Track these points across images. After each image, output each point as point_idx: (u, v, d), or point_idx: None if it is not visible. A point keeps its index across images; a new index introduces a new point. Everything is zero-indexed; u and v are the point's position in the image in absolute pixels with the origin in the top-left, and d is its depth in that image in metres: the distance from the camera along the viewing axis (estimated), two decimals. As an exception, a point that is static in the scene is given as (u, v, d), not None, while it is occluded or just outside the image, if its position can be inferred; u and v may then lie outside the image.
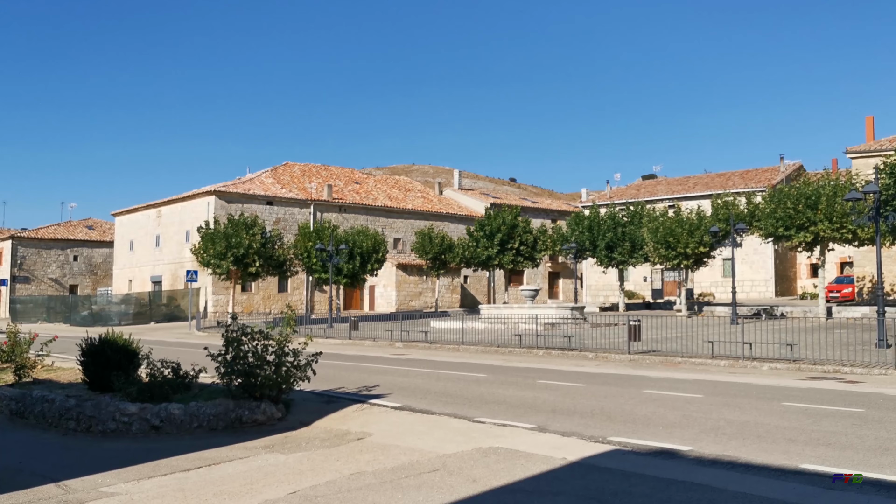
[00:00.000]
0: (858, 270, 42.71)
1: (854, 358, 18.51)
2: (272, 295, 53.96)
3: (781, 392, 14.18)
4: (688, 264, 39.37)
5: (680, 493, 7.24)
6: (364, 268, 44.64)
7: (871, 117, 43.16)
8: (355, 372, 19.22)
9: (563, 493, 7.36)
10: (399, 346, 27.93)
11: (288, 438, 10.82)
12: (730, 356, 19.71)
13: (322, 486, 7.91)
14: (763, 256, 54.13)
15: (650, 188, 65.36)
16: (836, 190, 31.92)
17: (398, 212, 61.61)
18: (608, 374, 17.76)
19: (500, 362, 21.37)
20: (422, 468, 8.58)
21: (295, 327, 13.22)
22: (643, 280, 60.26)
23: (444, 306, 57.77)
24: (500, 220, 49.22)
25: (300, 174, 61.36)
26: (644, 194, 61.08)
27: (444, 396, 14.44)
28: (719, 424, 10.81)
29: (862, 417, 11.19)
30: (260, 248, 40.71)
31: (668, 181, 68.12)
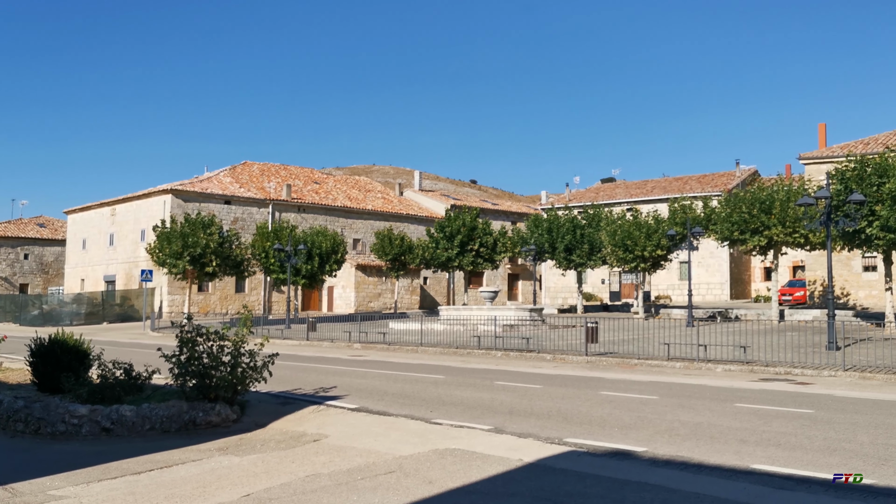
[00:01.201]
0: (810, 274, 43.59)
1: (805, 360, 18.86)
2: (229, 295, 53.35)
3: (734, 393, 14.40)
4: (645, 267, 39.82)
5: (634, 494, 7.29)
6: (323, 268, 44.34)
7: (823, 124, 44.17)
8: (313, 373, 19.07)
9: (518, 494, 7.37)
10: (357, 348, 27.79)
11: (243, 440, 10.68)
12: (685, 358, 19.96)
13: (276, 489, 7.82)
14: (719, 260, 54.98)
15: (609, 191, 66.00)
16: (790, 195, 32.53)
17: (358, 212, 61.36)
18: (565, 376, 17.86)
19: (458, 364, 21.37)
20: (378, 470, 8.54)
21: (251, 328, 13.09)
22: (601, 282, 60.81)
23: (404, 307, 57.66)
24: (461, 221, 49.29)
25: (259, 173, 60.78)
26: (603, 197, 61.66)
27: (401, 398, 14.39)
28: (674, 426, 10.93)
29: (811, 418, 11.40)
30: (217, 247, 40.21)
31: (627, 185, 68.85)
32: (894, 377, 16.20)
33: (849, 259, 40.25)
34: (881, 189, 24.51)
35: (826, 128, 44.29)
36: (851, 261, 40.54)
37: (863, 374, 16.63)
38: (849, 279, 41.19)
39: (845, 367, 17.33)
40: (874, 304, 39.29)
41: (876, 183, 25.15)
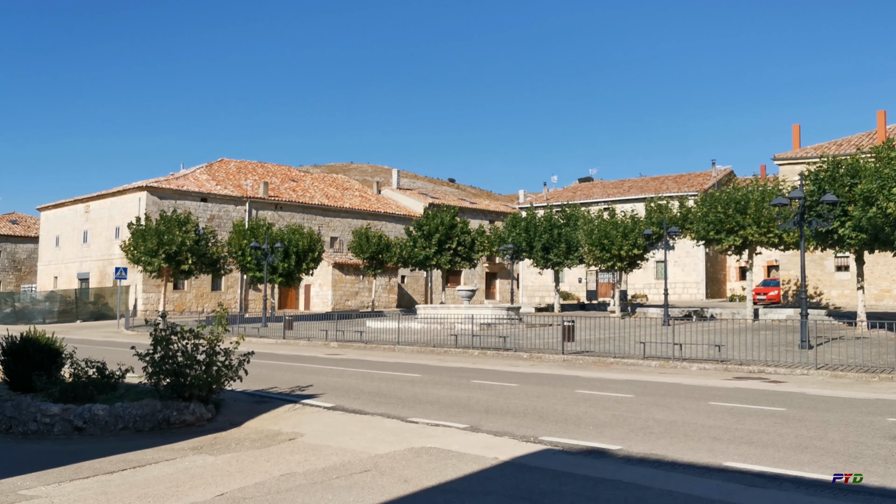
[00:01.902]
0: (784, 274, 44.07)
1: (778, 358, 19.07)
2: (205, 293, 52.99)
3: (709, 392, 14.52)
4: (622, 266, 40.06)
5: (608, 492, 7.34)
6: (300, 267, 44.17)
7: (797, 125, 44.62)
8: (289, 372, 18.99)
9: (493, 492, 7.39)
10: (334, 346, 27.71)
11: (217, 439, 10.61)
12: (661, 357, 20.10)
13: (251, 488, 7.78)
14: (695, 259, 55.41)
15: (586, 191, 66.30)
16: (764, 195, 32.87)
17: (335, 210, 61.17)
18: (542, 374, 17.92)
19: (435, 362, 21.38)
20: (353, 469, 8.52)
21: (227, 326, 13.02)
22: (578, 281, 61.08)
23: (381, 306, 57.57)
24: (439, 220, 49.29)
25: (236, 171, 60.40)
26: (580, 197, 61.93)
27: (377, 396, 14.37)
28: (648, 424, 11.00)
29: (784, 416, 11.53)
30: (193, 245, 39.90)
31: (604, 184, 69.20)
32: (865, 376, 16.43)
33: (822, 259, 40.75)
34: (853, 190, 24.81)
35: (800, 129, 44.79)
36: (824, 261, 41.05)
37: (834, 373, 16.84)
38: (822, 279, 41.71)
39: (817, 365, 17.55)
40: (846, 303, 39.83)
41: (848, 184, 25.47)
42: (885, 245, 23.72)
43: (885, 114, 40.47)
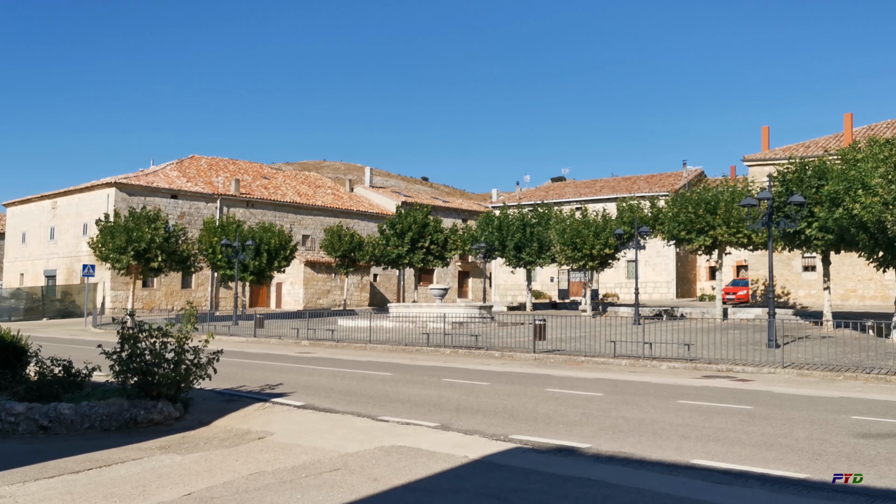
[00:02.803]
0: (753, 273, 44.59)
1: (746, 357, 19.29)
2: (175, 291, 52.47)
3: (678, 390, 14.65)
4: (593, 265, 40.28)
5: (577, 490, 7.37)
6: (271, 265, 43.89)
7: (766, 127, 45.14)
8: (259, 370, 18.87)
9: (463, 490, 7.40)
10: (305, 345, 27.58)
11: (185, 438, 10.52)
12: (631, 355, 20.24)
13: (219, 487, 7.71)
14: (665, 259, 55.89)
15: (559, 190, 66.60)
16: (734, 196, 33.21)
17: (307, 208, 60.84)
18: (513, 373, 17.98)
19: (407, 361, 21.36)
20: (323, 467, 8.48)
21: (196, 324, 12.91)
22: (550, 280, 61.36)
23: (353, 305, 57.39)
24: (411, 218, 49.23)
25: (207, 168, 59.86)
26: (553, 196, 62.19)
27: (348, 395, 14.32)
28: (617, 422, 11.08)
29: (750, 414, 11.66)
30: (163, 242, 39.45)
31: (576, 184, 69.55)
32: (830, 374, 16.67)
33: (790, 259, 41.29)
34: (820, 191, 25.17)
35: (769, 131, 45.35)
36: (792, 261, 41.60)
37: (800, 371, 17.07)
38: (789, 279, 42.27)
39: (784, 364, 17.78)
40: (813, 302, 40.40)
41: (815, 185, 25.83)
42: (850, 246, 24.08)
43: (851, 116, 41.10)
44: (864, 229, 21.39)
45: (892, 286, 28.74)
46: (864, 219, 20.28)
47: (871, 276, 38.51)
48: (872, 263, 23.46)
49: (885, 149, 20.24)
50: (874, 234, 20.92)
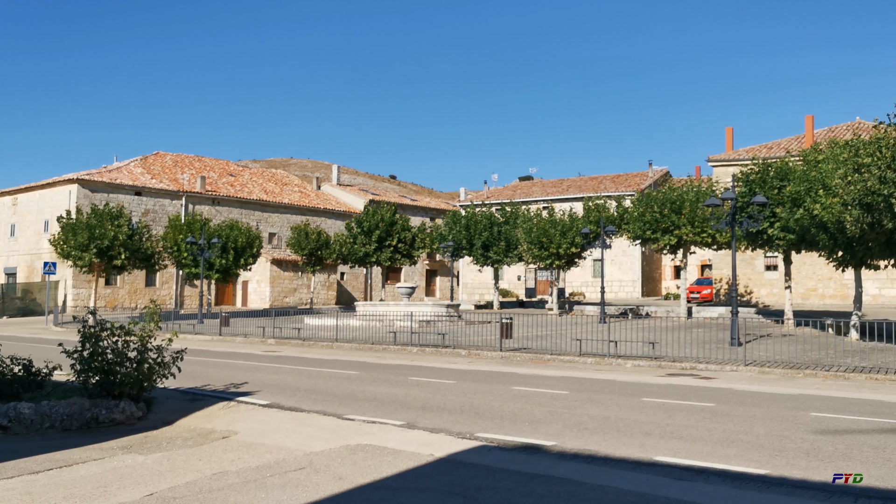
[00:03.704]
0: (717, 273, 45.16)
1: (709, 355, 19.55)
2: (139, 289, 51.80)
3: (642, 388, 14.80)
4: (560, 264, 40.51)
5: (541, 487, 7.42)
6: (237, 262, 43.52)
7: (730, 128, 45.73)
8: (224, 369, 18.71)
9: (428, 489, 7.40)
10: (271, 343, 27.40)
11: (148, 438, 10.40)
12: (596, 354, 20.40)
13: (181, 487, 7.64)
14: (631, 258, 56.37)
15: (526, 189, 66.86)
16: (699, 196, 33.60)
17: (274, 206, 60.41)
18: (479, 371, 18.02)
19: (373, 360, 21.32)
20: (288, 466, 8.43)
21: (160, 323, 12.74)
22: (517, 279, 61.60)
23: (320, 303, 57.13)
24: (379, 216, 49.13)
25: (172, 164, 59.16)
26: (520, 195, 62.43)
27: (314, 394, 14.26)
28: (582, 420, 11.16)
29: (712, 411, 11.82)
30: (126, 240, 38.92)
31: (544, 183, 69.88)
32: (791, 372, 16.95)
33: (752, 259, 41.90)
34: (782, 192, 25.54)
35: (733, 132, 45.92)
36: (755, 260, 42.22)
37: (762, 369, 17.34)
38: (752, 278, 42.89)
39: (746, 362, 18.05)
40: (775, 301, 41.05)
41: (777, 186, 26.21)
42: (811, 246, 24.48)
43: (812, 119, 41.84)
44: (824, 229, 21.77)
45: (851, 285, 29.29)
46: (825, 219, 20.62)
47: (831, 275, 39.22)
48: (832, 263, 23.88)
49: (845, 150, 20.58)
50: (834, 234, 21.29)
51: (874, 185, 18.19)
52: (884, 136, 19.03)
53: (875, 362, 17.84)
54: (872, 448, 9.07)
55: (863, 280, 26.12)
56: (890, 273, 36.28)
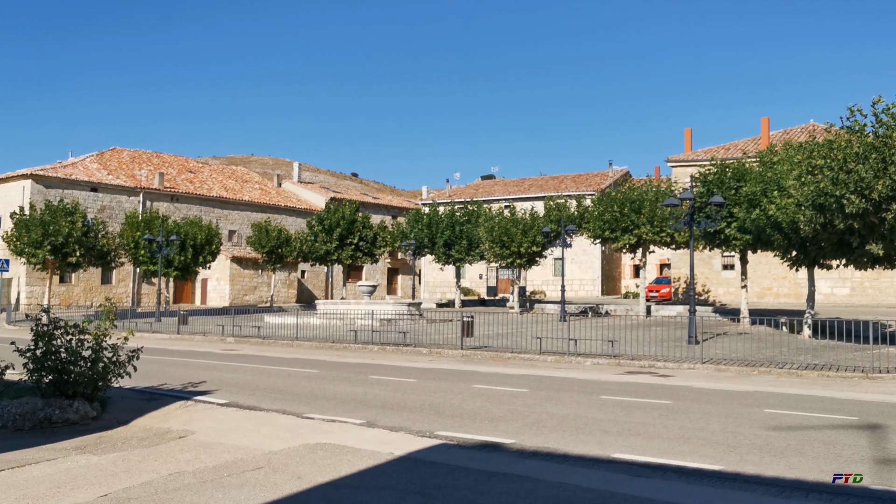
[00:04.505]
0: (675, 272, 45.75)
1: (667, 353, 19.81)
2: (94, 287, 50.89)
3: (601, 386, 14.95)
4: (521, 263, 40.71)
5: (501, 485, 7.45)
6: (196, 260, 42.98)
7: (689, 129, 46.33)
8: (182, 368, 18.48)
9: (387, 487, 7.39)
10: (231, 342, 27.13)
11: (102, 438, 10.23)
12: (556, 352, 20.55)
13: (136, 488, 7.52)
14: (591, 257, 56.82)
15: (488, 188, 67.03)
16: (658, 196, 34.01)
17: (234, 203, 59.78)
18: (440, 370, 18.05)
19: (334, 358, 21.22)
20: (246, 466, 8.36)
21: (115, 321, 12.54)
22: (479, 277, 61.74)
23: (281, 301, 56.68)
24: (340, 214, 48.90)
25: (129, 160, 58.20)
26: (482, 194, 62.57)
27: (273, 392, 14.16)
28: (542, 418, 11.23)
29: (669, 409, 11.98)
30: (81, 236, 38.20)
31: (506, 182, 70.12)
32: (746, 369, 17.25)
33: (710, 258, 42.52)
34: (739, 192, 25.98)
35: (692, 132, 46.54)
36: (713, 260, 42.84)
37: (718, 367, 17.62)
38: (710, 277, 43.53)
39: (703, 360, 18.33)
40: (732, 300, 41.70)
41: (734, 186, 26.65)
42: (766, 245, 24.91)
43: (768, 120, 42.58)
44: (778, 229, 22.18)
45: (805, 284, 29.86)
46: (779, 219, 21.01)
47: (786, 274, 39.98)
48: (786, 263, 24.34)
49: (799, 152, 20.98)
50: (788, 234, 21.70)
51: (827, 187, 18.58)
52: (836, 139, 19.44)
53: (827, 359, 18.23)
54: (823, 444, 9.27)
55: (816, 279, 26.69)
56: (842, 272, 37.11)
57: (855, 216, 18.40)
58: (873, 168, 17.85)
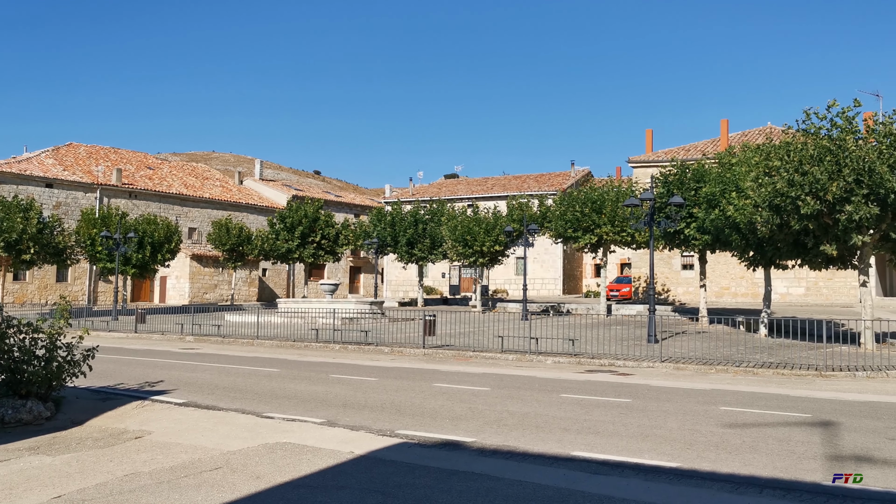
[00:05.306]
0: (636, 271, 46.23)
1: (627, 352, 20.00)
2: (50, 285, 49.93)
3: (561, 384, 15.05)
4: (484, 262, 40.80)
5: (461, 483, 7.46)
6: (155, 258, 42.35)
7: (650, 130, 46.87)
8: (139, 367, 18.21)
9: (347, 487, 7.36)
10: (190, 340, 26.80)
11: (57, 439, 10.04)
12: (518, 350, 20.64)
13: (91, 489, 7.40)
14: (553, 256, 57.18)
15: (451, 187, 67.10)
16: (619, 196, 34.31)
17: (194, 200, 59.05)
18: (402, 368, 18.02)
19: (295, 357, 21.08)
20: (203, 466, 8.26)
21: (70, 319, 12.31)
22: (442, 276, 61.78)
23: (241, 300, 56.15)
24: (302, 212, 48.58)
25: (86, 156, 57.17)
26: (445, 193, 62.61)
27: (233, 391, 14.01)
28: (502, 416, 11.27)
29: (628, 407, 12.11)
30: (36, 233, 37.40)
31: (469, 181, 70.25)
32: (703, 368, 17.50)
33: (670, 258, 43.05)
34: (699, 193, 26.34)
35: (653, 134, 47.09)
36: (672, 259, 43.39)
37: (677, 365, 17.84)
38: (669, 276, 44.07)
39: (662, 358, 18.55)
40: (691, 299, 42.26)
41: (694, 187, 27.02)
42: (725, 246, 25.29)
43: (727, 122, 43.20)
44: (736, 230, 22.53)
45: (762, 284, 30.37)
46: (737, 220, 21.35)
47: (744, 274, 40.63)
48: (744, 263, 24.74)
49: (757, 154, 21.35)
50: (746, 234, 22.06)
51: (783, 188, 18.92)
52: (792, 141, 19.82)
53: (782, 358, 18.56)
54: (777, 441, 9.43)
55: (772, 279, 27.12)
56: (797, 273, 37.84)
57: (810, 217, 18.77)
58: (828, 170, 18.23)
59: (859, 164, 18.01)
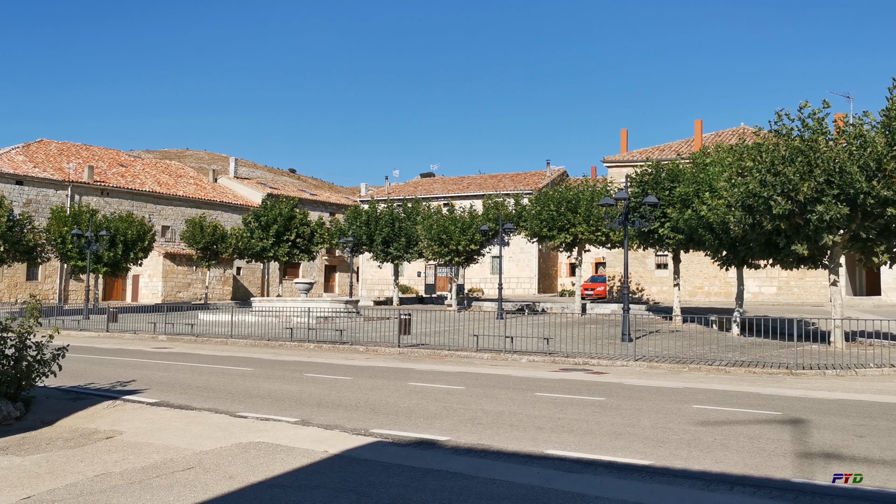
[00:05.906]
0: (610, 270, 46.50)
1: (601, 351, 20.11)
2: (19, 283, 49.24)
3: (536, 383, 15.10)
4: (459, 261, 40.84)
5: (435, 482, 7.47)
6: (127, 256, 41.92)
7: (625, 130, 47.13)
8: (111, 366, 18.01)
9: (321, 486, 7.34)
10: (163, 340, 26.56)
11: (26, 439, 9.90)
12: (493, 349, 20.68)
13: (61, 490, 7.31)
14: (528, 255, 57.35)
15: (427, 186, 67.06)
16: (594, 195, 34.50)
17: (168, 198, 58.51)
18: (377, 367, 17.99)
19: (269, 356, 20.96)
20: (176, 466, 8.19)
21: (40, 318, 12.15)
22: (417, 275, 61.73)
23: (215, 298, 55.72)
24: (277, 211, 48.33)
25: (57, 153, 56.44)
26: (421, 192, 62.57)
27: (206, 391, 13.91)
28: (477, 415, 11.29)
29: (602, 405, 12.18)
30: (5, 231, 36.90)
31: (445, 180, 70.26)
32: (677, 366, 17.64)
33: (644, 257, 43.35)
34: (673, 193, 26.55)
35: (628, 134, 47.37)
36: (647, 259, 43.69)
37: (650, 364, 17.97)
38: (644, 276, 44.37)
39: (636, 357, 18.67)
40: (665, 298, 42.58)
41: (668, 187, 27.23)
42: (698, 245, 25.52)
43: (701, 123, 43.58)
44: (710, 230, 22.74)
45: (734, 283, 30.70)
46: (711, 220, 21.55)
47: (717, 273, 41.01)
48: (717, 262, 24.96)
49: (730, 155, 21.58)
50: (719, 234, 22.27)
51: (755, 188, 19.13)
52: (764, 142, 20.04)
53: (754, 356, 18.76)
54: (748, 438, 9.54)
55: (745, 278, 27.44)
56: (770, 272, 38.24)
57: (782, 217, 18.99)
58: (799, 170, 18.45)
59: (830, 165, 18.25)
